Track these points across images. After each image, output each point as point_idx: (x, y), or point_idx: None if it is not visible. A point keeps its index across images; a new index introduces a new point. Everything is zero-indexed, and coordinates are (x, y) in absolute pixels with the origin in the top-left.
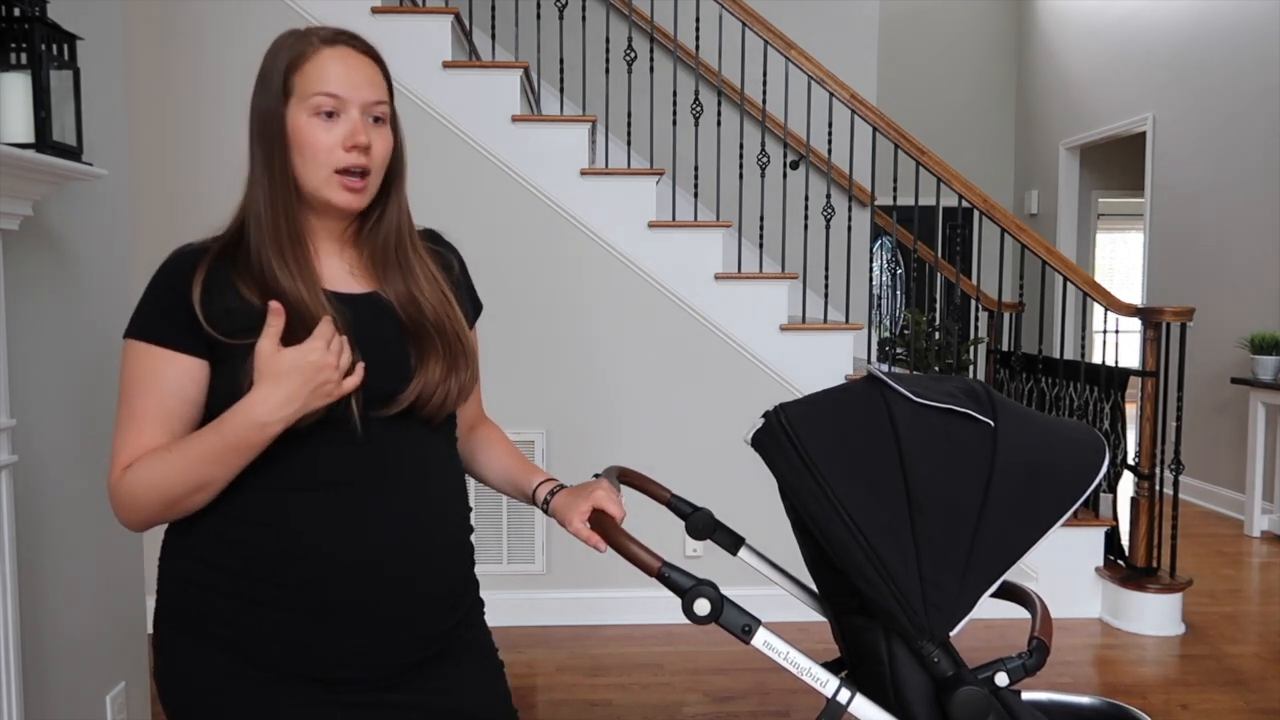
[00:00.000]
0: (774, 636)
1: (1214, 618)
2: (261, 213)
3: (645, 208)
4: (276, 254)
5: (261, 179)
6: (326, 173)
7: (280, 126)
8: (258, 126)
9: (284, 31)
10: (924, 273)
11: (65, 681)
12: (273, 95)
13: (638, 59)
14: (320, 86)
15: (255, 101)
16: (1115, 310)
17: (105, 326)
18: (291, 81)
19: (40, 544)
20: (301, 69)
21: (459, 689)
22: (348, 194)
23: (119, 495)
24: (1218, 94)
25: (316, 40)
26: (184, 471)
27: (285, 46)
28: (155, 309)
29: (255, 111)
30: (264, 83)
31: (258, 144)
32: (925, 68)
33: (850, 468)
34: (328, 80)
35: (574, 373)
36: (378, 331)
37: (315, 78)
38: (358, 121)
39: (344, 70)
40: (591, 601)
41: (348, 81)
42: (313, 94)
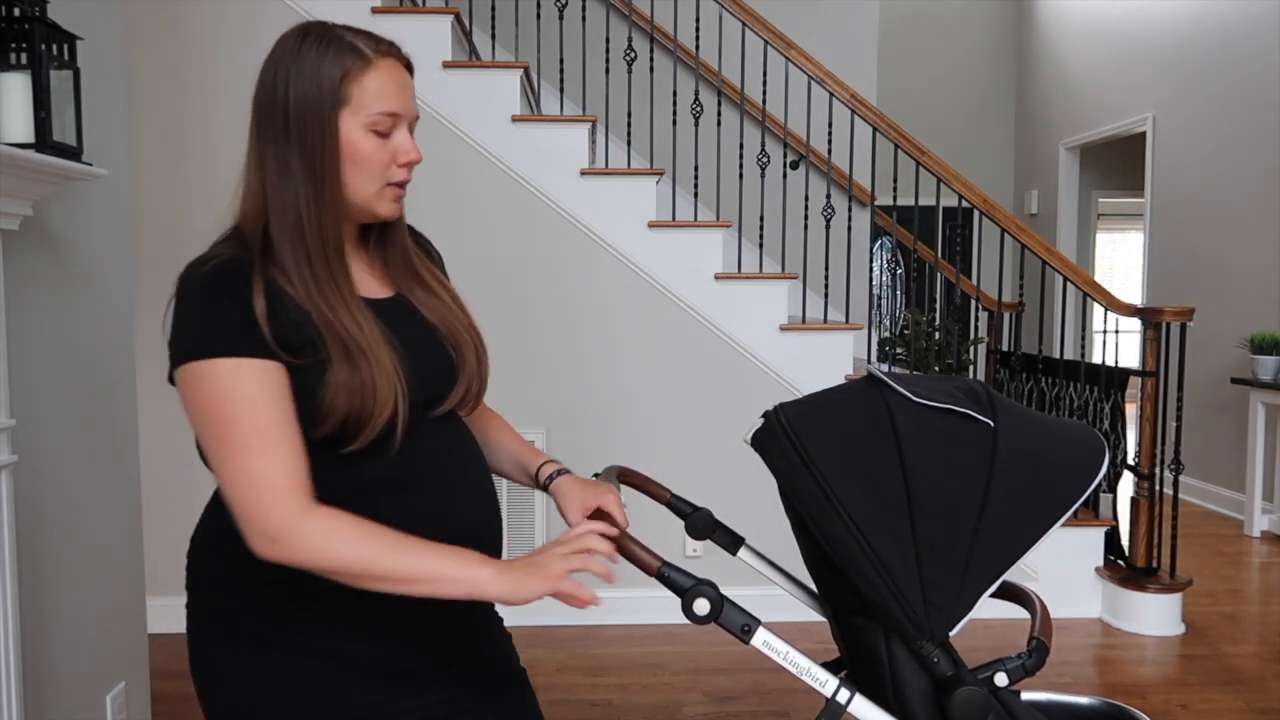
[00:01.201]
0: (773, 636)
1: (1214, 618)
2: (305, 225)
3: (645, 208)
4: (326, 274)
5: (304, 186)
6: (379, 186)
7: (331, 133)
8: (297, 129)
9: (305, 26)
10: (924, 273)
11: (65, 681)
12: (324, 101)
13: (638, 59)
14: (382, 105)
15: (288, 100)
16: (1115, 310)
17: (105, 327)
18: (346, 92)
19: (40, 544)
20: (359, 80)
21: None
22: (395, 205)
23: (308, 536)
24: (1218, 94)
25: (367, 50)
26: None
27: (329, 50)
28: (223, 321)
29: (290, 112)
30: (302, 83)
31: (298, 148)
32: (925, 68)
33: (850, 468)
34: (388, 98)
35: (574, 372)
36: (416, 334)
37: (376, 94)
38: (409, 138)
39: (399, 86)
40: None
41: (403, 100)
42: (374, 111)
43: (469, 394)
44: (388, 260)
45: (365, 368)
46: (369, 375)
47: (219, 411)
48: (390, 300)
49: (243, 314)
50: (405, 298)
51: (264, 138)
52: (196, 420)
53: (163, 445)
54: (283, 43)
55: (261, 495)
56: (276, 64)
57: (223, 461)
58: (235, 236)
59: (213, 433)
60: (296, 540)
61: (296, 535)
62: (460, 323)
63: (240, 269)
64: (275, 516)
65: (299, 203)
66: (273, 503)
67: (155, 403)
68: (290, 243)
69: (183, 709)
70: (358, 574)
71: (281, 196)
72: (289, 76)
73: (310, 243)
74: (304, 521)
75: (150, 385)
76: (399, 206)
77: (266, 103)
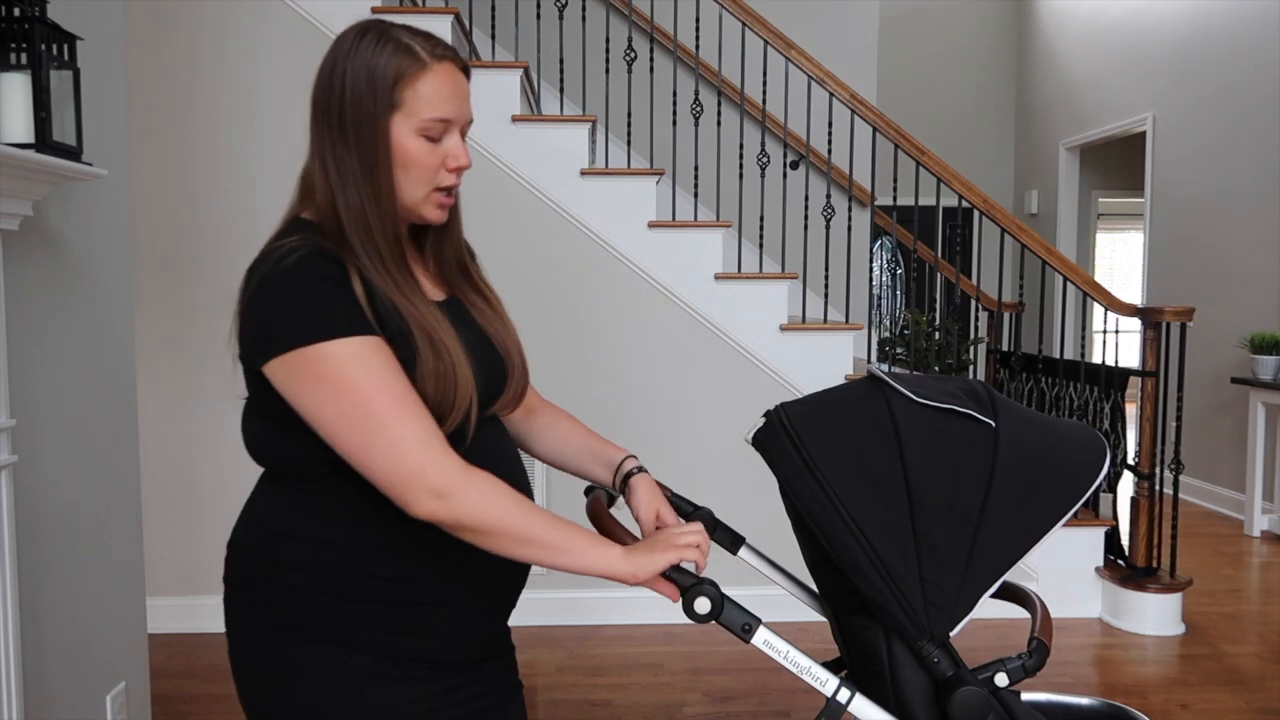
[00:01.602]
0: (774, 635)
1: (1214, 618)
2: (370, 222)
3: (645, 208)
4: (399, 270)
5: (363, 186)
6: (427, 190)
7: (383, 135)
8: (354, 131)
9: (364, 25)
10: (924, 273)
11: (65, 681)
12: (378, 103)
13: (638, 59)
14: (434, 112)
15: (344, 98)
16: (1115, 310)
17: (105, 326)
18: (400, 95)
19: (40, 544)
20: (413, 85)
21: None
22: (441, 211)
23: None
24: (1218, 94)
25: (423, 53)
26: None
27: (384, 50)
28: (333, 304)
29: (345, 111)
30: (358, 83)
31: (355, 149)
32: (925, 68)
33: (851, 467)
34: (441, 104)
35: (574, 372)
36: (473, 334)
37: (429, 99)
38: (460, 143)
39: (453, 91)
40: (591, 601)
41: (457, 105)
42: (426, 116)
43: (515, 396)
44: (441, 262)
45: (448, 359)
46: (451, 366)
47: (356, 389)
48: (445, 302)
49: (349, 297)
50: (459, 300)
51: (323, 136)
52: (319, 404)
53: (163, 445)
54: (341, 40)
55: (427, 454)
56: (334, 62)
57: (373, 435)
58: (305, 228)
59: (350, 411)
60: (462, 495)
61: (463, 490)
62: (506, 327)
63: (334, 256)
64: (444, 472)
65: (362, 202)
66: (438, 460)
67: (155, 403)
68: (361, 240)
69: (183, 709)
70: (509, 533)
71: (346, 196)
72: (345, 76)
73: (378, 241)
74: (469, 476)
75: (150, 385)
76: (444, 214)
77: (324, 101)
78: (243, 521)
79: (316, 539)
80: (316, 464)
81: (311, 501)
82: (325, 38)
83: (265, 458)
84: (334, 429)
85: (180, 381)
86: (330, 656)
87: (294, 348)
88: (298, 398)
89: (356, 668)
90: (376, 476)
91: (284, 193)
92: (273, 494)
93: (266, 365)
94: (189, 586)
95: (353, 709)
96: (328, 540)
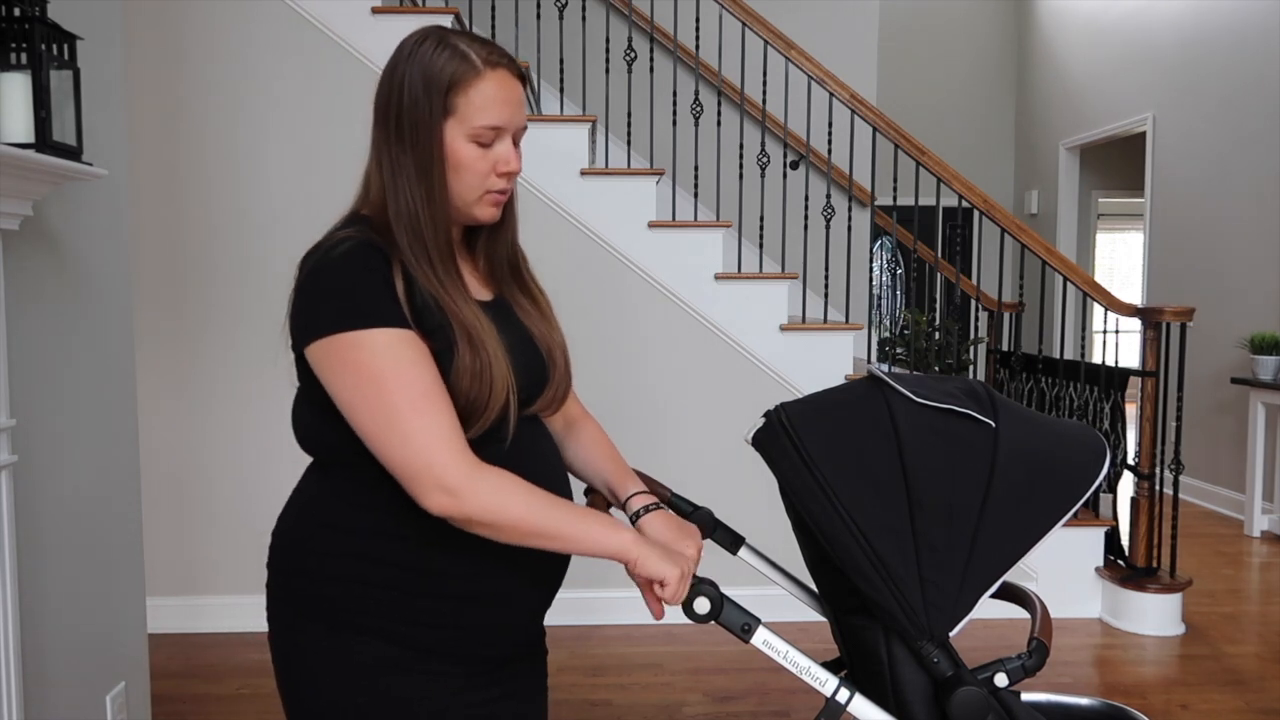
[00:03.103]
0: (773, 635)
1: (1214, 618)
2: (421, 224)
3: (645, 208)
4: (444, 270)
5: (417, 188)
6: (479, 193)
7: (438, 140)
8: (409, 133)
9: (425, 31)
10: (924, 273)
11: (65, 681)
12: (432, 108)
13: (638, 59)
14: (485, 119)
15: (402, 102)
16: (1115, 310)
17: (105, 326)
18: (453, 101)
19: (40, 544)
20: (466, 92)
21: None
22: (493, 210)
23: (483, 489)
24: (1218, 94)
25: (478, 60)
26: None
27: (440, 56)
28: (374, 295)
29: (403, 114)
30: (415, 87)
31: (411, 151)
32: (925, 67)
33: (851, 467)
34: (492, 112)
35: (573, 372)
36: (517, 335)
37: (481, 106)
38: (511, 149)
39: (506, 99)
40: (591, 601)
41: (509, 112)
42: (478, 124)
43: (555, 398)
44: (493, 262)
45: (484, 356)
46: (488, 364)
47: (382, 378)
48: (492, 302)
49: (389, 290)
50: (505, 300)
51: (382, 137)
52: (348, 389)
53: (163, 445)
54: (403, 46)
55: (439, 450)
56: (395, 66)
57: (390, 424)
58: (359, 223)
59: (373, 399)
60: (473, 493)
61: (472, 487)
62: (553, 329)
63: (380, 249)
64: (455, 470)
65: (414, 203)
66: (451, 457)
67: (155, 403)
68: (409, 239)
69: (183, 709)
70: (522, 529)
71: (397, 197)
72: (404, 81)
73: (428, 241)
74: (480, 474)
75: (150, 385)
76: (498, 211)
77: (384, 104)
78: (288, 509)
79: (357, 528)
80: (356, 452)
81: (353, 489)
82: (325, 37)
83: (311, 445)
84: (356, 415)
85: (180, 381)
86: (355, 645)
87: (331, 333)
88: (329, 382)
89: (379, 658)
90: (391, 466)
91: (285, 191)
92: (318, 481)
93: (307, 348)
94: (189, 586)
95: (373, 700)
96: (368, 529)
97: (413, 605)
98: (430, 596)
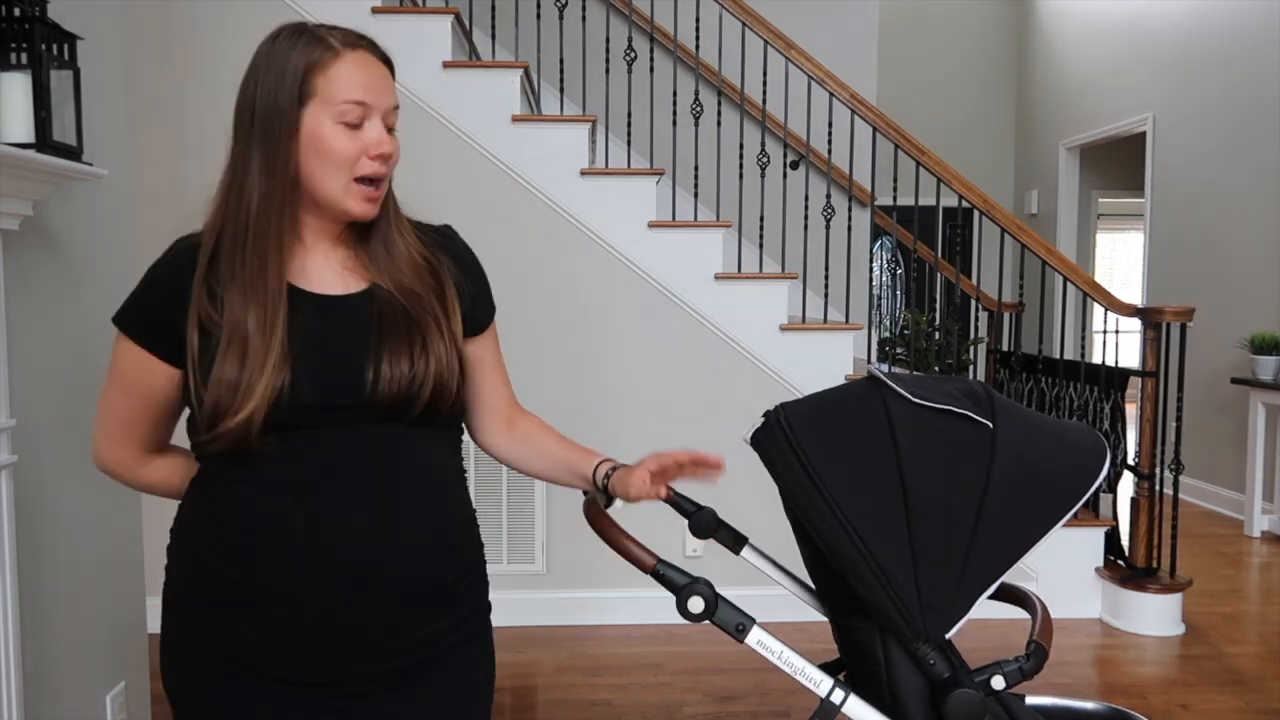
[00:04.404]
0: (768, 636)
1: (1214, 618)
2: (252, 215)
3: (645, 208)
4: (251, 266)
5: (259, 181)
6: (346, 181)
7: (291, 128)
8: (260, 125)
9: (281, 27)
10: (924, 273)
11: (65, 681)
12: (285, 95)
13: (638, 59)
14: (349, 94)
15: (255, 98)
16: (1115, 310)
17: (106, 326)
18: (312, 84)
19: (40, 544)
20: (325, 72)
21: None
22: (366, 204)
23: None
24: (1218, 94)
25: (335, 42)
26: None
27: (297, 45)
28: (138, 301)
29: (256, 109)
30: (269, 80)
31: (258, 144)
32: (925, 68)
33: (847, 468)
34: (356, 88)
35: (574, 371)
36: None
37: (343, 83)
38: (382, 131)
39: (369, 77)
40: (591, 601)
41: (374, 89)
42: (340, 101)
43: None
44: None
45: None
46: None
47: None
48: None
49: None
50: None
51: (238, 137)
52: None
53: None
54: (261, 45)
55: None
56: (254, 66)
57: None
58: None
59: None
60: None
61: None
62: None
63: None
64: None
65: (254, 198)
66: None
67: None
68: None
69: None
70: None
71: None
72: (258, 74)
73: (251, 238)
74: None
75: None
76: (372, 207)
77: (241, 104)
78: None
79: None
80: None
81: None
82: None
83: None
84: None
85: None
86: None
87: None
88: None
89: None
90: None
91: None
92: None
93: None
94: None
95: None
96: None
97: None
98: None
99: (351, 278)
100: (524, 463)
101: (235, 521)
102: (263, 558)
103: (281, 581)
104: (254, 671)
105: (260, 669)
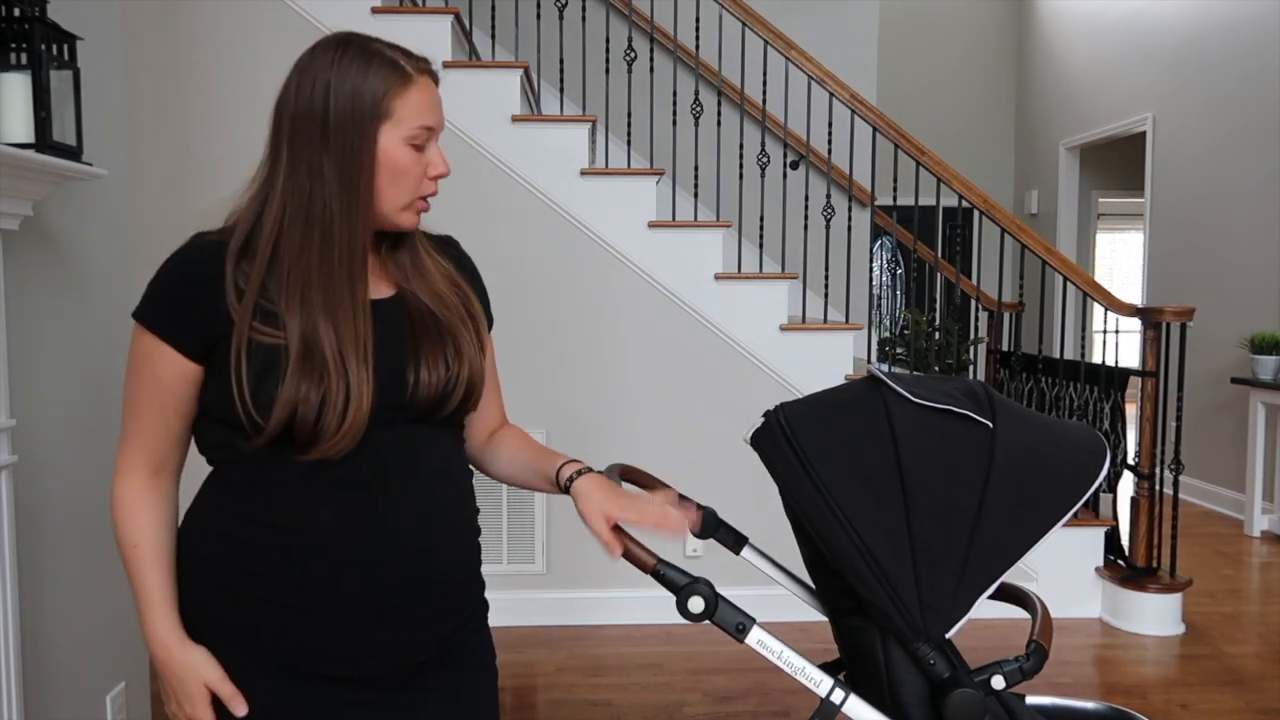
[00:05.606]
0: (768, 635)
1: (1214, 618)
2: (335, 229)
3: (645, 208)
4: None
5: (337, 194)
6: (411, 199)
7: (369, 146)
8: (337, 139)
9: (345, 37)
10: (924, 273)
11: (65, 681)
12: (366, 115)
13: (638, 59)
14: (422, 120)
15: (328, 110)
16: (1115, 310)
17: (106, 326)
18: (391, 105)
19: (40, 544)
20: (402, 96)
21: (459, 695)
22: (416, 218)
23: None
24: (1218, 94)
25: (410, 68)
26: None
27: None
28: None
29: (331, 123)
30: (343, 95)
31: (335, 157)
32: (925, 68)
33: (847, 468)
34: (426, 113)
35: (574, 372)
36: (388, 335)
37: (418, 108)
38: (440, 153)
39: (434, 102)
40: (591, 601)
41: (439, 114)
42: (415, 125)
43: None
44: (395, 259)
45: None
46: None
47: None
48: (386, 301)
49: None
50: (403, 296)
51: (298, 145)
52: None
53: None
54: (319, 53)
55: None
56: (315, 74)
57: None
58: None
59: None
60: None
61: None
62: (446, 325)
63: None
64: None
65: (333, 213)
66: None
67: None
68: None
69: None
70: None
71: (311, 204)
72: (329, 88)
73: (340, 252)
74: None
75: None
76: (419, 220)
77: (304, 112)
78: None
79: (223, 533)
80: (207, 449)
81: (211, 491)
82: None
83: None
84: None
85: None
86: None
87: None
88: None
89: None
90: None
91: None
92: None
93: None
94: None
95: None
96: (230, 535)
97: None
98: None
99: (380, 283)
100: (494, 468)
101: (296, 527)
102: (314, 556)
103: (331, 580)
104: (295, 670)
105: (313, 669)
